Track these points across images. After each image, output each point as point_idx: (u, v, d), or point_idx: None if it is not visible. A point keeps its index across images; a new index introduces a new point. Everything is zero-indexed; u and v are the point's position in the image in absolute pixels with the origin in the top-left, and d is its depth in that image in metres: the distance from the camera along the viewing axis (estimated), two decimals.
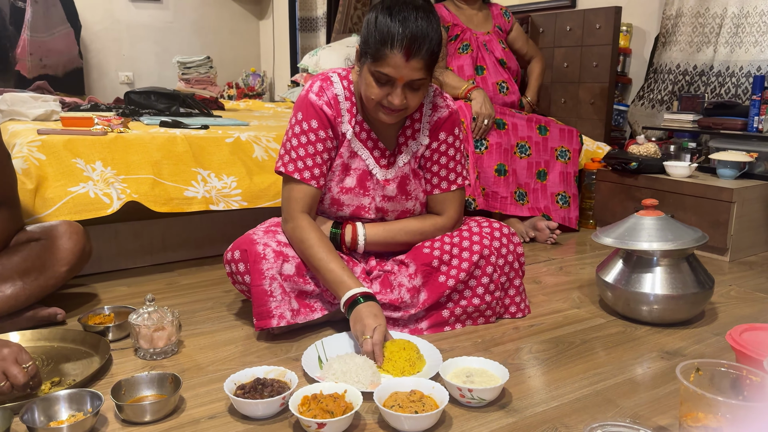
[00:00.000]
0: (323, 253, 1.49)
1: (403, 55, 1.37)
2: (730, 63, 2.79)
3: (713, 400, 0.99)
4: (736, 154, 2.44)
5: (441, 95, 1.65)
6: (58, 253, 1.63)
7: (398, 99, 1.42)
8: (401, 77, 1.40)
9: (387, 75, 1.40)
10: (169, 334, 1.44)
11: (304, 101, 1.55)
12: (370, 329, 1.37)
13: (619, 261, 1.74)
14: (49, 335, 1.50)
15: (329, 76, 1.57)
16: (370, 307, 1.41)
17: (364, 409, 1.21)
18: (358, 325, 1.39)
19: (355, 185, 1.60)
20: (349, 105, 1.57)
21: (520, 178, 2.67)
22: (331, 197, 1.61)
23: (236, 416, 1.19)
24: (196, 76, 3.82)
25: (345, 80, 1.58)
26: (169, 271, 2.14)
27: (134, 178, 1.97)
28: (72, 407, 1.16)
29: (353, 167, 1.60)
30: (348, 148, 1.59)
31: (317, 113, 1.53)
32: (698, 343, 1.57)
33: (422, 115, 1.63)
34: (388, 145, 1.63)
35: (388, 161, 1.62)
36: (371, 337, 1.36)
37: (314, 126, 1.53)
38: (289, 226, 1.56)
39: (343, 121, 1.57)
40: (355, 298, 1.43)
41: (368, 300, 1.43)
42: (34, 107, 2.60)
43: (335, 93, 1.56)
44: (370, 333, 1.36)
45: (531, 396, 1.28)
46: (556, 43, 3.33)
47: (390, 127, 1.62)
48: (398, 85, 1.42)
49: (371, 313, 1.40)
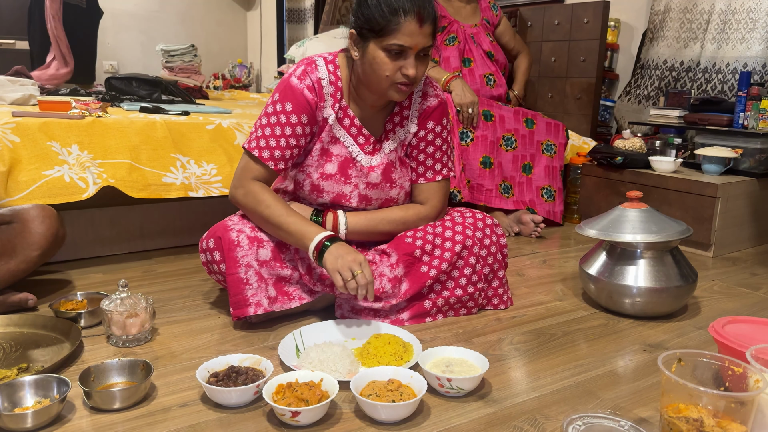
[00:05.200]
0: (281, 209, 1.48)
1: (417, 21, 1.38)
2: (717, 59, 2.79)
3: (695, 390, 0.98)
4: (722, 150, 2.44)
5: (431, 84, 1.63)
6: (30, 237, 1.58)
7: (413, 69, 1.42)
8: (416, 45, 1.40)
9: (401, 45, 1.39)
10: (143, 321, 1.41)
11: (284, 83, 1.53)
12: (356, 264, 1.37)
13: (602, 253, 1.72)
14: (19, 321, 1.46)
15: (314, 60, 1.55)
16: (344, 246, 1.42)
17: (340, 398, 1.18)
18: (340, 262, 1.37)
19: (335, 172, 1.57)
20: (334, 89, 1.54)
21: (506, 171, 2.65)
22: (311, 183, 1.58)
23: (209, 404, 1.16)
24: (180, 64, 3.77)
25: (331, 64, 1.55)
26: (146, 259, 2.10)
27: (111, 162, 1.92)
28: (38, 393, 1.13)
29: (334, 153, 1.57)
30: (329, 133, 1.55)
31: (295, 97, 1.51)
32: (681, 336, 1.56)
33: (411, 103, 1.61)
34: (374, 132, 1.60)
35: (373, 147, 1.60)
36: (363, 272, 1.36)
37: (288, 109, 1.50)
38: (239, 192, 1.53)
39: (326, 105, 1.54)
40: (322, 243, 1.42)
41: (337, 241, 1.43)
42: (12, 90, 2.54)
43: (319, 77, 1.53)
44: (358, 268, 1.36)
45: (511, 387, 1.26)
46: (544, 38, 3.32)
47: (377, 113, 1.59)
48: (411, 54, 1.42)
49: (348, 250, 1.40)
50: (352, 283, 1.36)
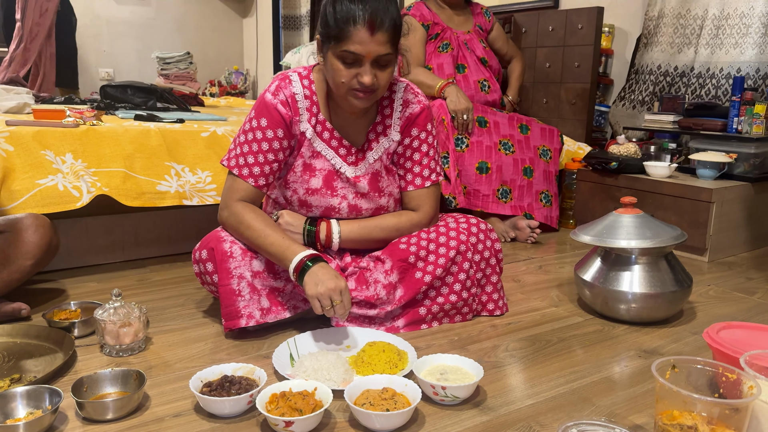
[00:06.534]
0: (261, 229, 1.46)
1: (367, 29, 1.35)
2: (711, 64, 2.80)
3: (688, 397, 0.98)
4: (716, 155, 2.44)
5: (412, 91, 1.63)
6: (23, 247, 1.58)
7: (368, 77, 1.39)
8: (368, 53, 1.38)
9: (354, 53, 1.38)
10: (136, 331, 1.40)
11: (260, 100, 1.54)
12: (336, 293, 1.36)
13: (597, 259, 1.72)
14: (12, 331, 1.45)
15: (288, 75, 1.55)
16: (325, 269, 1.39)
17: (334, 407, 1.17)
18: (320, 288, 1.36)
19: (321, 186, 1.57)
20: (309, 104, 1.54)
21: (506, 174, 2.65)
22: (298, 199, 1.58)
23: (202, 414, 1.15)
24: (176, 71, 3.77)
25: (305, 79, 1.55)
26: (140, 267, 2.09)
27: (105, 171, 1.92)
28: (30, 404, 1.12)
29: (317, 168, 1.57)
30: (309, 148, 1.55)
31: (269, 112, 1.51)
32: (676, 342, 1.56)
33: (393, 111, 1.61)
34: (356, 142, 1.60)
35: (356, 158, 1.59)
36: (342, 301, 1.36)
37: (263, 125, 1.51)
38: (224, 214, 1.53)
39: (302, 120, 1.54)
40: (303, 263, 1.40)
41: (318, 262, 1.41)
42: (6, 99, 2.54)
43: (293, 92, 1.53)
44: (338, 297, 1.36)
45: (506, 394, 1.26)
46: (538, 43, 3.33)
47: (359, 123, 1.59)
48: (366, 62, 1.39)
49: (330, 275, 1.38)
50: (330, 311, 1.37)
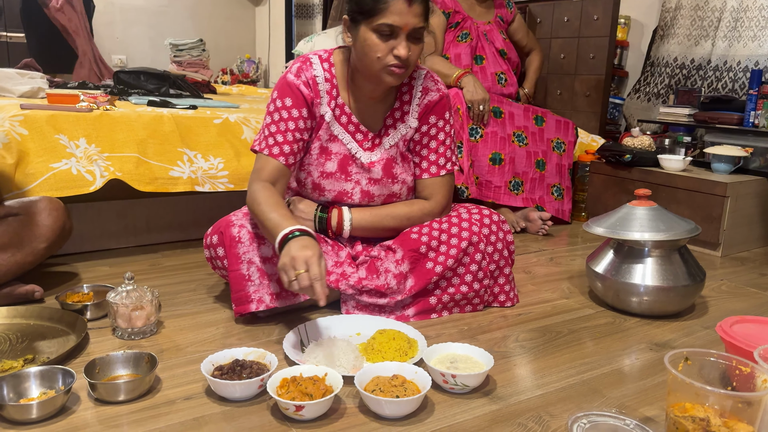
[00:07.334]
0: (268, 205, 1.40)
1: (405, 0, 1.37)
2: (728, 57, 2.76)
3: (701, 389, 0.97)
4: (731, 149, 2.42)
5: (432, 78, 1.62)
6: (37, 230, 1.59)
7: (404, 49, 1.41)
8: (406, 24, 1.39)
9: (391, 25, 1.39)
10: (148, 314, 1.41)
11: (282, 81, 1.54)
12: (300, 262, 1.23)
13: (610, 251, 1.71)
14: (26, 313, 1.47)
15: (309, 58, 1.55)
16: (300, 240, 1.27)
17: (344, 393, 1.18)
18: (286, 259, 1.25)
19: (336, 170, 1.57)
20: (329, 87, 1.54)
21: (519, 166, 2.64)
22: (312, 182, 1.58)
23: (213, 398, 1.16)
24: (189, 58, 3.78)
25: (326, 62, 1.55)
26: (152, 253, 2.10)
27: (118, 156, 1.93)
28: (43, 384, 1.13)
29: (333, 151, 1.57)
30: (327, 131, 1.56)
31: (293, 92, 1.51)
32: (688, 335, 1.55)
33: (412, 98, 1.60)
34: (373, 127, 1.60)
35: (372, 143, 1.59)
36: (306, 270, 1.22)
37: (288, 104, 1.51)
38: (249, 192, 1.49)
39: (322, 102, 1.54)
40: (285, 237, 1.30)
41: (303, 236, 1.30)
42: (21, 84, 2.55)
43: (314, 74, 1.54)
44: (302, 266, 1.22)
45: (516, 384, 1.26)
46: (553, 34, 3.30)
47: (377, 108, 1.59)
48: (402, 34, 1.41)
49: (301, 245, 1.26)
50: (293, 284, 1.24)
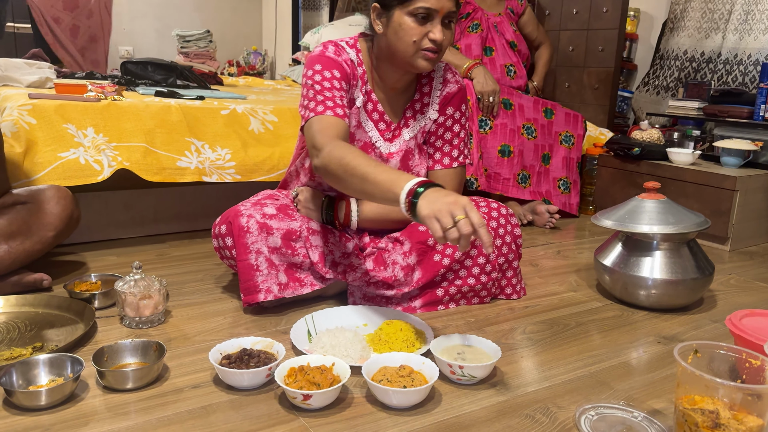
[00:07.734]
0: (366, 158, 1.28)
1: None
2: (738, 50, 2.74)
3: (711, 382, 0.96)
4: (741, 143, 2.40)
5: (450, 70, 1.63)
6: (45, 218, 1.59)
7: (440, 33, 1.41)
8: (442, 8, 1.40)
9: (428, 8, 1.39)
10: (156, 303, 1.41)
11: (322, 57, 1.48)
12: (458, 207, 1.11)
13: (618, 244, 1.70)
14: (34, 301, 1.47)
15: (339, 42, 1.54)
16: (439, 190, 1.16)
17: (352, 383, 1.18)
18: (437, 205, 1.12)
19: None
20: (361, 72, 1.54)
21: (526, 159, 2.63)
22: None
23: (221, 386, 1.16)
24: (196, 50, 3.77)
25: (353, 48, 1.55)
26: (160, 243, 2.11)
27: (126, 146, 1.93)
28: (52, 372, 1.13)
29: (356, 138, 1.57)
30: (356, 117, 1.55)
31: (338, 65, 1.48)
32: (696, 329, 1.55)
33: (432, 89, 1.60)
34: (393, 118, 1.60)
35: (392, 134, 1.59)
36: (467, 217, 1.10)
37: (336, 75, 1.47)
38: (323, 153, 1.33)
39: (357, 86, 1.53)
40: (413, 191, 1.17)
41: (436, 186, 1.18)
42: (29, 74, 2.55)
43: (350, 57, 1.53)
44: (461, 212, 1.10)
45: (523, 375, 1.25)
46: (561, 26, 3.28)
47: (398, 99, 1.59)
48: (437, 17, 1.41)
49: (445, 193, 1.14)
50: (452, 232, 1.10)
